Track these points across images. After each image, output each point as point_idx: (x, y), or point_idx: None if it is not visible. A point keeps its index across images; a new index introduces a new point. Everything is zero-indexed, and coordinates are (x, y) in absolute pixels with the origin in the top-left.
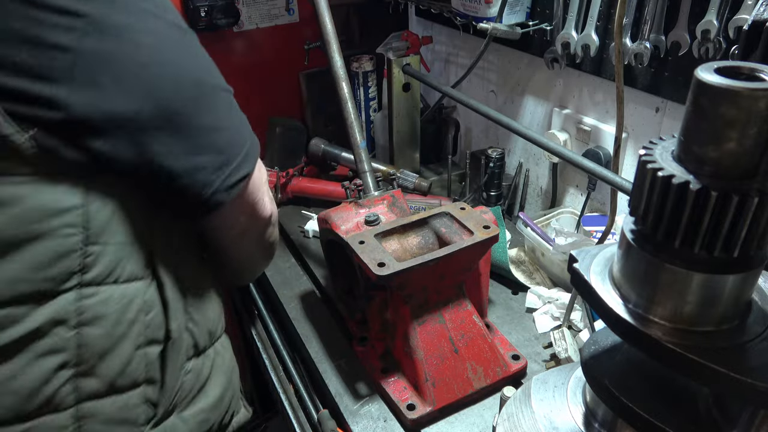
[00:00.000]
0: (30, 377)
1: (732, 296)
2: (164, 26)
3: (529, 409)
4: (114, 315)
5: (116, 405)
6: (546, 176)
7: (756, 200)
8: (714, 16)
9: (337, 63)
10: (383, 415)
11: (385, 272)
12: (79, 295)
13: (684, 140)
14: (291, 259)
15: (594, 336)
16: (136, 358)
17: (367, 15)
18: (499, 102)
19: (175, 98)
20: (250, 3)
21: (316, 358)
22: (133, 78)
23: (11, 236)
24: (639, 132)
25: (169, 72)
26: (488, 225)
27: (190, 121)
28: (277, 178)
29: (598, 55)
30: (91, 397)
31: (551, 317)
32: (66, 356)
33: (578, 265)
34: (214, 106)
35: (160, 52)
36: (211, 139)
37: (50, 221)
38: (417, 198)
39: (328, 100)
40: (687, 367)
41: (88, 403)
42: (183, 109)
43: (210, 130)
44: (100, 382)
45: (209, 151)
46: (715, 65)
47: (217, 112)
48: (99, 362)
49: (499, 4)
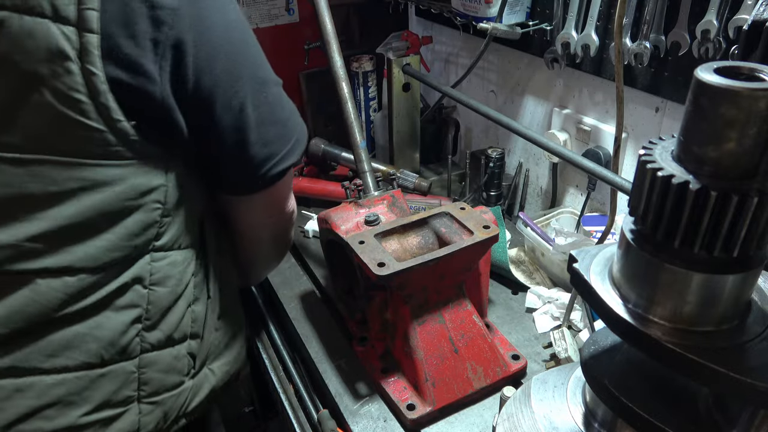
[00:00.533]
0: (111, 328)
1: (732, 296)
2: (237, 17)
3: (529, 409)
4: (177, 275)
5: (170, 355)
6: (546, 176)
7: (756, 200)
8: (714, 16)
9: (337, 63)
10: (383, 415)
11: (385, 272)
12: (152, 258)
13: (684, 140)
14: (291, 259)
15: (594, 336)
16: (187, 314)
17: (367, 15)
18: (499, 102)
19: (242, 88)
20: (250, 3)
21: (316, 358)
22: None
23: (115, 210)
24: (639, 132)
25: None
26: (488, 225)
27: (248, 111)
28: None
29: (598, 55)
30: (153, 348)
31: (551, 317)
32: (139, 311)
33: (578, 265)
34: (270, 98)
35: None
36: (263, 129)
37: (143, 198)
38: (417, 198)
39: (328, 100)
40: (687, 367)
41: (150, 354)
42: (246, 99)
43: (264, 121)
44: (162, 335)
45: (263, 138)
46: (714, 65)
47: (271, 104)
48: (163, 317)
49: (499, 4)
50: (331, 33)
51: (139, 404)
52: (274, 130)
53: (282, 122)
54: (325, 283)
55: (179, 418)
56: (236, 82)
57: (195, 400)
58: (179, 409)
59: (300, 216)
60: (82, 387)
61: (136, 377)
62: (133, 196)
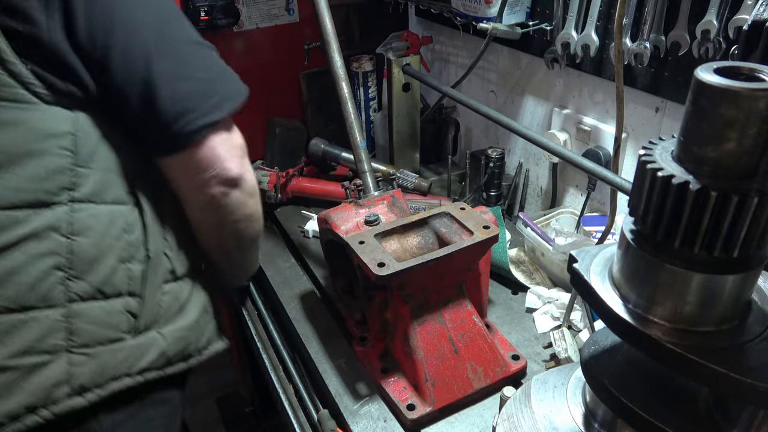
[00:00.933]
0: (29, 273)
1: (732, 296)
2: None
3: (529, 409)
4: (100, 228)
5: (102, 309)
6: (546, 176)
7: (755, 200)
8: (714, 16)
9: (337, 63)
10: (383, 415)
11: (385, 272)
12: (71, 209)
13: (684, 140)
14: (291, 259)
15: (594, 336)
16: (120, 270)
17: (367, 15)
18: (499, 102)
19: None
20: (250, 3)
21: (316, 358)
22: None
23: (14, 152)
24: (639, 132)
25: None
26: (488, 225)
27: (152, 65)
28: (277, 178)
29: (598, 55)
30: (81, 299)
31: (551, 317)
32: (59, 259)
33: (578, 265)
34: (187, 55)
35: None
36: (174, 85)
37: (46, 142)
38: (417, 198)
39: (328, 100)
40: (687, 367)
41: (77, 304)
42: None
43: (175, 76)
44: (88, 287)
45: (172, 94)
46: (714, 65)
47: (187, 61)
48: (88, 269)
49: (499, 4)
50: (331, 33)
51: (68, 354)
52: (188, 86)
53: (201, 80)
54: (325, 283)
55: (121, 377)
56: (136, 34)
57: (141, 362)
58: (119, 366)
59: (300, 216)
60: (2, 331)
61: (63, 326)
62: (34, 139)
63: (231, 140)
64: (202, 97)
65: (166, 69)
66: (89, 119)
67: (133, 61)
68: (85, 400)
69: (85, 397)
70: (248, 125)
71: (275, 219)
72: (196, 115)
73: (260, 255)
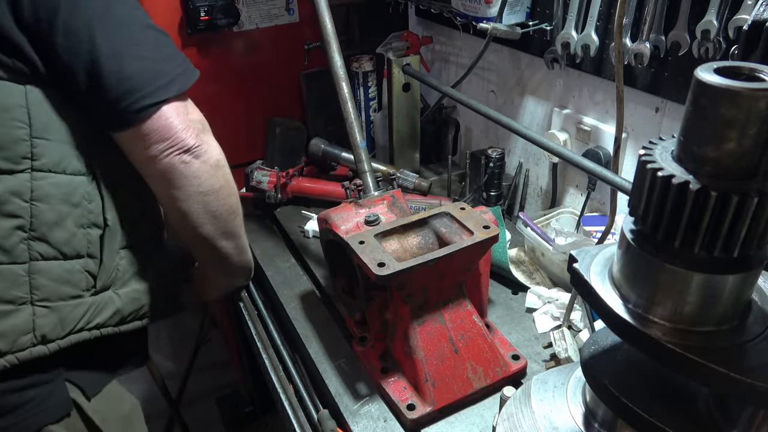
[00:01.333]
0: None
1: (732, 296)
2: None
3: (529, 409)
4: (60, 196)
5: (62, 268)
6: (546, 176)
7: (756, 200)
8: (714, 16)
9: (337, 63)
10: (383, 415)
11: (385, 272)
12: (32, 177)
13: (684, 140)
14: (291, 259)
15: (594, 336)
16: (79, 234)
17: (367, 15)
18: (499, 102)
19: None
20: (250, 3)
21: (316, 358)
22: None
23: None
24: (639, 132)
25: None
26: (488, 225)
27: (96, 43)
28: (277, 178)
29: (598, 55)
30: (42, 258)
31: (551, 317)
32: (22, 221)
33: (578, 265)
34: (136, 36)
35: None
36: (120, 63)
37: (1, 115)
38: (417, 198)
39: (328, 100)
40: (687, 367)
41: (39, 263)
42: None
43: (120, 55)
44: (49, 248)
45: (118, 72)
46: (715, 65)
47: (136, 42)
48: (48, 231)
49: (499, 4)
50: (331, 33)
51: (32, 306)
52: (135, 66)
53: (149, 60)
54: (325, 283)
55: (81, 330)
56: (81, 12)
57: (99, 317)
58: (79, 320)
59: (300, 216)
60: None
61: (27, 281)
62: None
63: (187, 114)
64: (151, 76)
65: (111, 47)
66: (41, 93)
67: (78, 38)
68: (47, 350)
69: (47, 347)
70: (248, 125)
71: (275, 219)
72: (143, 93)
73: (260, 255)
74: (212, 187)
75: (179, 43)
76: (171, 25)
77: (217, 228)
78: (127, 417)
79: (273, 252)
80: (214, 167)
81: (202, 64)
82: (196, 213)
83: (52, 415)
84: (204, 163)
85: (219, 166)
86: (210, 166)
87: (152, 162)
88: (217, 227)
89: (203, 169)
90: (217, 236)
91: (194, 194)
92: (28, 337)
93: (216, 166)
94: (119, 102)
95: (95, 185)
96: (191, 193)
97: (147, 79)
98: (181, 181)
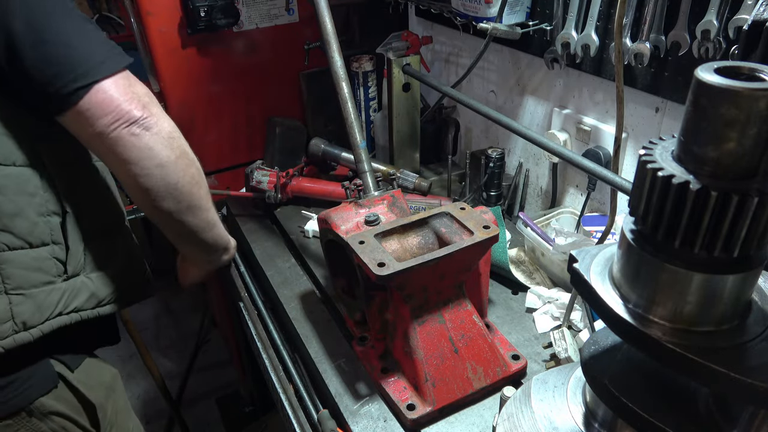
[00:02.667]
0: None
1: (732, 296)
2: None
3: (529, 409)
4: (14, 187)
5: (29, 256)
6: (546, 176)
7: (756, 200)
8: (714, 16)
9: (337, 63)
10: (383, 415)
11: (385, 272)
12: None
13: (684, 140)
14: (291, 259)
15: (594, 336)
16: (41, 223)
17: (367, 15)
18: (499, 102)
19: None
20: (250, 3)
21: (316, 358)
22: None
23: None
24: (639, 132)
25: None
26: (488, 225)
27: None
28: (277, 178)
29: (598, 55)
30: (7, 248)
31: (551, 317)
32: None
33: (578, 265)
34: (55, 25)
35: None
36: (43, 48)
37: None
38: (417, 198)
39: (328, 100)
40: (687, 367)
41: (6, 253)
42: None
43: (43, 42)
44: (14, 238)
45: (45, 59)
46: (715, 65)
47: (56, 29)
48: (10, 222)
49: (499, 4)
50: (331, 33)
51: (7, 295)
52: (60, 52)
53: (73, 47)
54: (325, 283)
55: (60, 314)
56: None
57: (75, 301)
58: (56, 305)
59: (300, 216)
60: None
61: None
62: None
63: (129, 86)
64: (79, 60)
65: (36, 36)
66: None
67: (2, 29)
68: (31, 336)
69: (30, 333)
70: (248, 125)
71: (275, 219)
72: (73, 76)
73: (260, 255)
74: (168, 158)
75: (179, 43)
76: (171, 25)
77: (180, 202)
78: (110, 385)
79: (273, 252)
80: (167, 138)
81: (202, 64)
82: (156, 188)
83: (41, 388)
84: (156, 135)
85: (172, 137)
86: (162, 137)
87: (101, 139)
88: (179, 201)
89: (155, 140)
90: (182, 210)
91: (151, 167)
92: (8, 324)
93: (169, 137)
94: (48, 86)
95: (47, 174)
96: (147, 167)
97: (76, 63)
98: (134, 153)
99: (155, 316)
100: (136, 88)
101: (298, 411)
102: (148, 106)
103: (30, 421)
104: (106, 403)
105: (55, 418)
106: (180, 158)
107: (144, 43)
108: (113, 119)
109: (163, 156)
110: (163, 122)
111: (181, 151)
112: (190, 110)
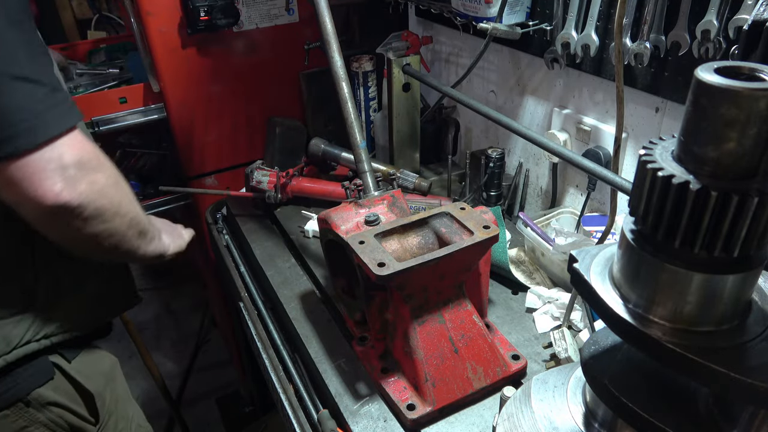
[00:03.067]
0: None
1: (732, 296)
2: None
3: (529, 409)
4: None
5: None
6: (546, 176)
7: (756, 200)
8: (714, 16)
9: (337, 63)
10: (383, 415)
11: (385, 272)
12: None
13: (684, 140)
14: (291, 259)
15: (594, 336)
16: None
17: (367, 15)
18: (499, 102)
19: None
20: (250, 3)
21: (316, 358)
22: None
23: None
24: (639, 132)
25: None
26: (488, 225)
27: None
28: (277, 178)
29: (598, 55)
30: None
31: (551, 317)
32: None
33: (578, 265)
34: None
35: None
36: None
37: None
38: (417, 198)
39: (328, 100)
40: (687, 367)
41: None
42: None
43: None
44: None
45: None
46: (715, 65)
47: None
48: None
49: (499, 4)
50: (331, 33)
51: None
52: None
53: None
54: (325, 283)
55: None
56: None
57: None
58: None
59: (300, 216)
60: None
61: None
62: None
63: (53, 159)
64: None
65: None
66: None
67: None
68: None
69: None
70: (248, 125)
71: (275, 219)
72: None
73: (260, 255)
74: (69, 236)
75: (179, 43)
76: (171, 25)
77: (123, 255)
78: (109, 373)
79: (273, 252)
80: (95, 217)
81: (202, 64)
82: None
83: (38, 380)
84: (79, 219)
85: (79, 213)
86: (78, 219)
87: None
88: (123, 254)
89: (78, 225)
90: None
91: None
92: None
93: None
94: None
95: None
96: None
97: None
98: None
99: (155, 316)
100: (67, 157)
101: (298, 411)
102: (73, 183)
103: (27, 412)
104: (105, 392)
105: (53, 409)
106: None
107: (144, 43)
108: (25, 199)
109: (83, 241)
110: (87, 198)
111: (92, 231)
112: (190, 110)
